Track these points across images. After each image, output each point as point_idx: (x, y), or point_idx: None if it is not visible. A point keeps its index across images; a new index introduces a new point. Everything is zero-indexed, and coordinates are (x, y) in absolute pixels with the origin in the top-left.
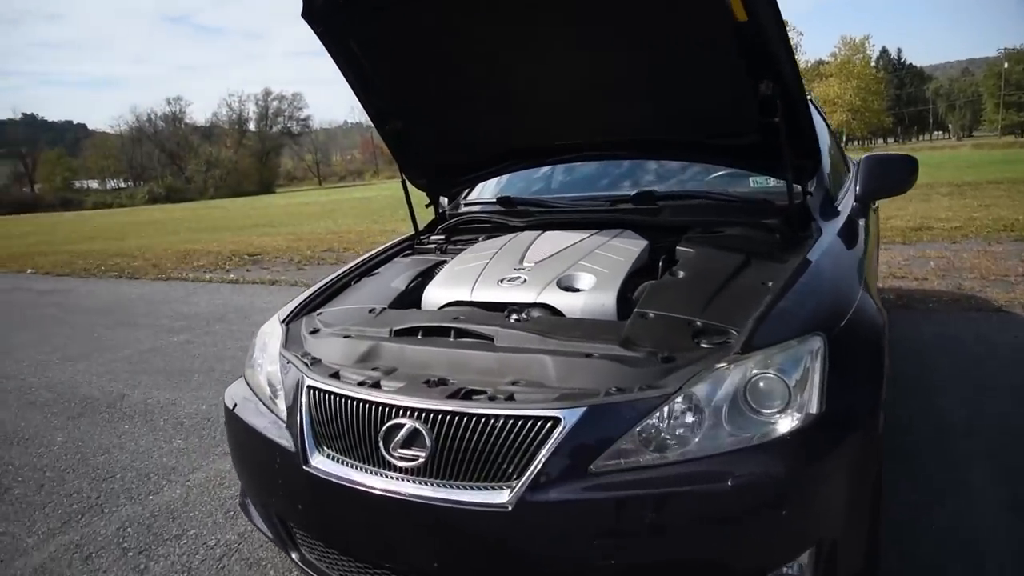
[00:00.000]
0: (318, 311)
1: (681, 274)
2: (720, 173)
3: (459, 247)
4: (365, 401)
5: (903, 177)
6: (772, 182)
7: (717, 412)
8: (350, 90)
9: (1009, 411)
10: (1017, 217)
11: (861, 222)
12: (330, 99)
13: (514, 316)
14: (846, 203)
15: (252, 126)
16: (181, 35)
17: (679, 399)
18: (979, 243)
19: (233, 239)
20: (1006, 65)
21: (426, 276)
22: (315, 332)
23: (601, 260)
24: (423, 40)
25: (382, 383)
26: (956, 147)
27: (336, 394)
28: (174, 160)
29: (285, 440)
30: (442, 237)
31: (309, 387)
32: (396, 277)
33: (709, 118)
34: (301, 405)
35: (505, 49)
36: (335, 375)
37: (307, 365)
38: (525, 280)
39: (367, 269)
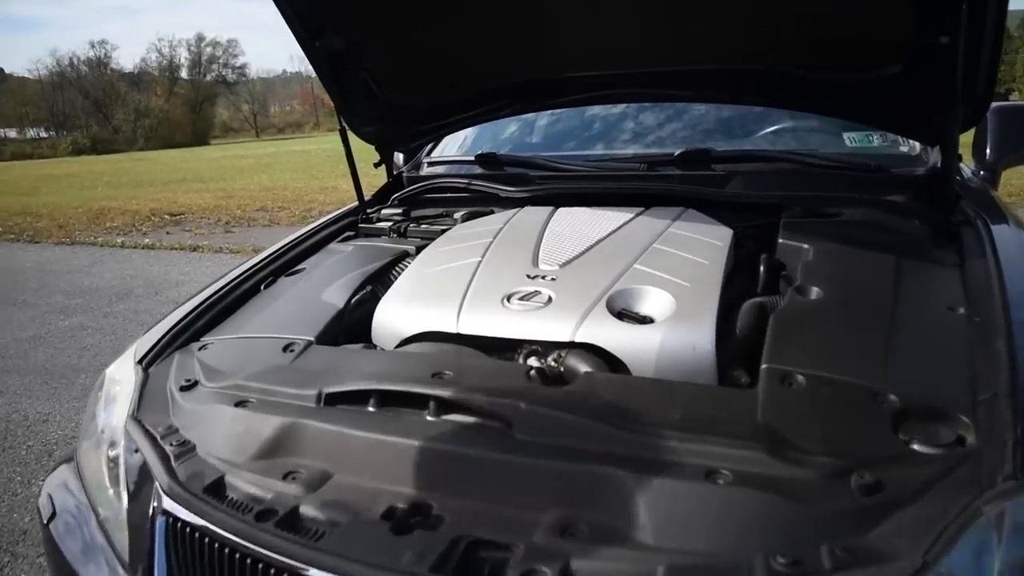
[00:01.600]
0: (201, 341)
1: (815, 292)
2: (784, 124)
3: (425, 228)
4: (269, 562)
5: None
6: (876, 139)
7: None
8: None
9: None
10: None
11: (1000, 202)
12: (268, 47)
13: (534, 363)
14: (964, 172)
15: (184, 73)
16: None
17: None
18: None
19: (155, 196)
20: None
21: (378, 281)
22: (190, 387)
23: (670, 262)
24: None
25: (303, 511)
26: None
27: (214, 536)
28: (100, 108)
29: None
30: (399, 211)
31: (167, 513)
32: (329, 282)
33: (824, 38)
34: (154, 544)
35: None
36: (214, 488)
37: (165, 463)
38: (550, 298)
39: (285, 263)
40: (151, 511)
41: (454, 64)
